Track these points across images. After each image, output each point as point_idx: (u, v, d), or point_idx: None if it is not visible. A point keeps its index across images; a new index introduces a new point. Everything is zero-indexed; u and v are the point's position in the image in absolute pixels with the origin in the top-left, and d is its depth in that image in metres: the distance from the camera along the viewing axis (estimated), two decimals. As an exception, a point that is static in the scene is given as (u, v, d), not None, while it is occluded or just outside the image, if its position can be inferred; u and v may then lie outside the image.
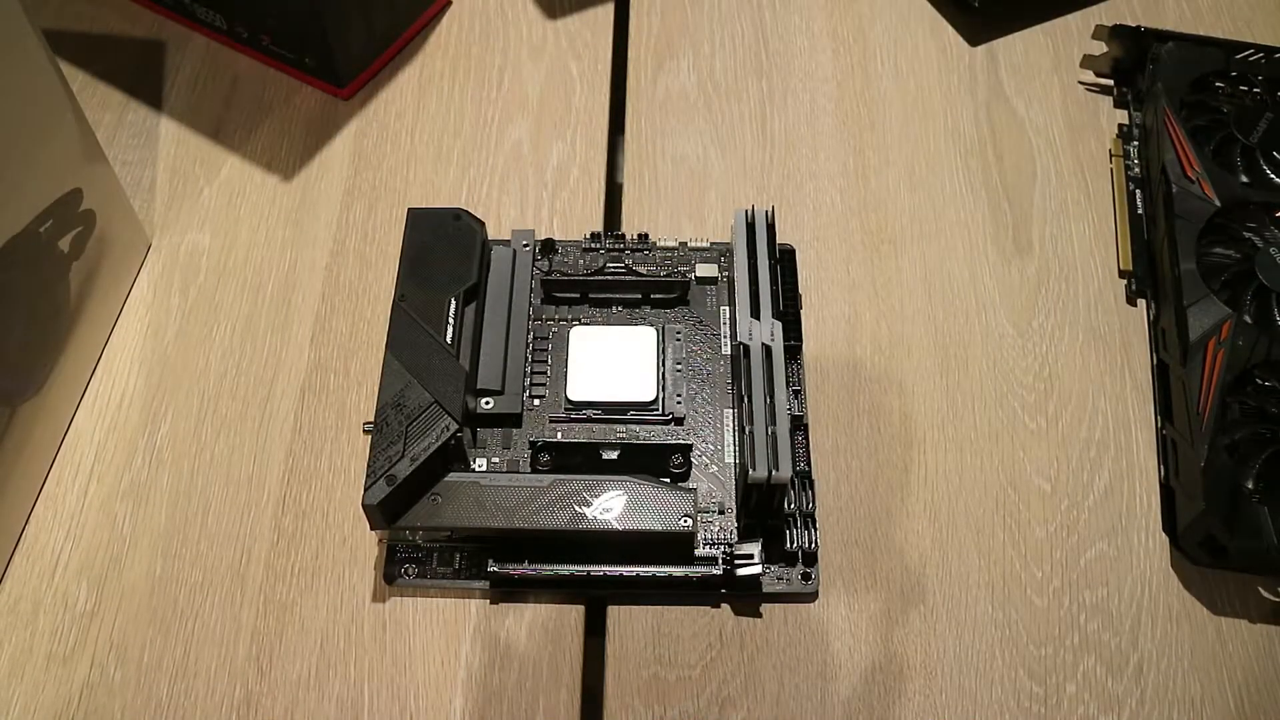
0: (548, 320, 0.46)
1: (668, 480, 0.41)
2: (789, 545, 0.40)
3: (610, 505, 0.39)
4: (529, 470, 0.42)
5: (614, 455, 0.41)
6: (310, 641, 0.40)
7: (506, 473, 0.42)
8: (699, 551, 0.40)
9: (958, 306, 0.48)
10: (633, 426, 0.43)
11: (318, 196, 0.51)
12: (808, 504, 0.41)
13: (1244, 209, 0.46)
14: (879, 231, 0.50)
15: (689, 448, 0.42)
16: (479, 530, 0.39)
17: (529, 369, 0.44)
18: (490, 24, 0.57)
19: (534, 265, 0.47)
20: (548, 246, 0.47)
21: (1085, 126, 0.53)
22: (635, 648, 0.40)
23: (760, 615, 0.40)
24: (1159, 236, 0.47)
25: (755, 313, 0.42)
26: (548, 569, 0.39)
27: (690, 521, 0.38)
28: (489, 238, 0.47)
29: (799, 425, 0.43)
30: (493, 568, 0.39)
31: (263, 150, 0.52)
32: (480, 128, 0.53)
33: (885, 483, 0.43)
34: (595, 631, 0.40)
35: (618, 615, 0.41)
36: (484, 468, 0.42)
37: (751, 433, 0.39)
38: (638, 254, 0.47)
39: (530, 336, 0.45)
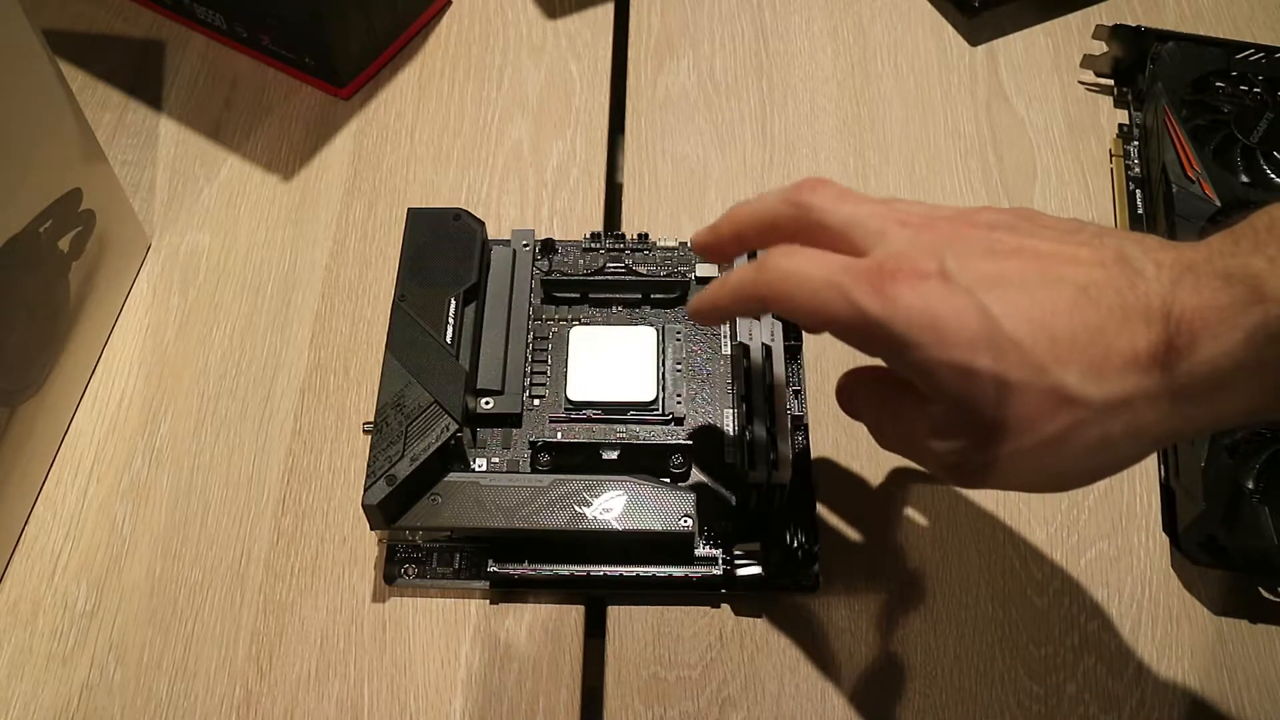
0: (548, 320, 0.46)
1: (668, 480, 0.41)
2: (789, 545, 0.40)
3: (610, 505, 0.39)
4: (529, 470, 0.42)
5: (614, 455, 0.41)
6: (310, 641, 0.40)
7: (506, 473, 0.42)
8: (699, 551, 0.40)
9: (958, 306, 0.48)
10: (633, 426, 0.43)
11: (317, 196, 0.51)
12: (808, 504, 0.41)
13: (1244, 209, 0.46)
14: (879, 231, 0.50)
15: (689, 448, 0.42)
16: (479, 530, 0.39)
17: (529, 369, 0.44)
18: (490, 24, 0.57)
19: (534, 265, 0.47)
20: (548, 246, 0.47)
21: (1085, 126, 0.53)
22: (635, 648, 0.40)
23: (760, 615, 0.40)
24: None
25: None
26: (548, 569, 0.39)
27: (690, 521, 0.38)
28: (489, 238, 0.47)
29: (799, 425, 0.43)
30: (493, 568, 0.39)
31: (262, 150, 0.52)
32: (480, 128, 0.53)
33: (885, 483, 0.43)
34: (595, 631, 0.40)
35: (618, 615, 0.41)
36: (484, 468, 0.42)
37: (751, 433, 0.39)
38: (638, 254, 0.47)
39: (530, 336, 0.45)
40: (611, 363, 0.44)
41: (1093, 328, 0.27)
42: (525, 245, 0.47)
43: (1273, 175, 0.47)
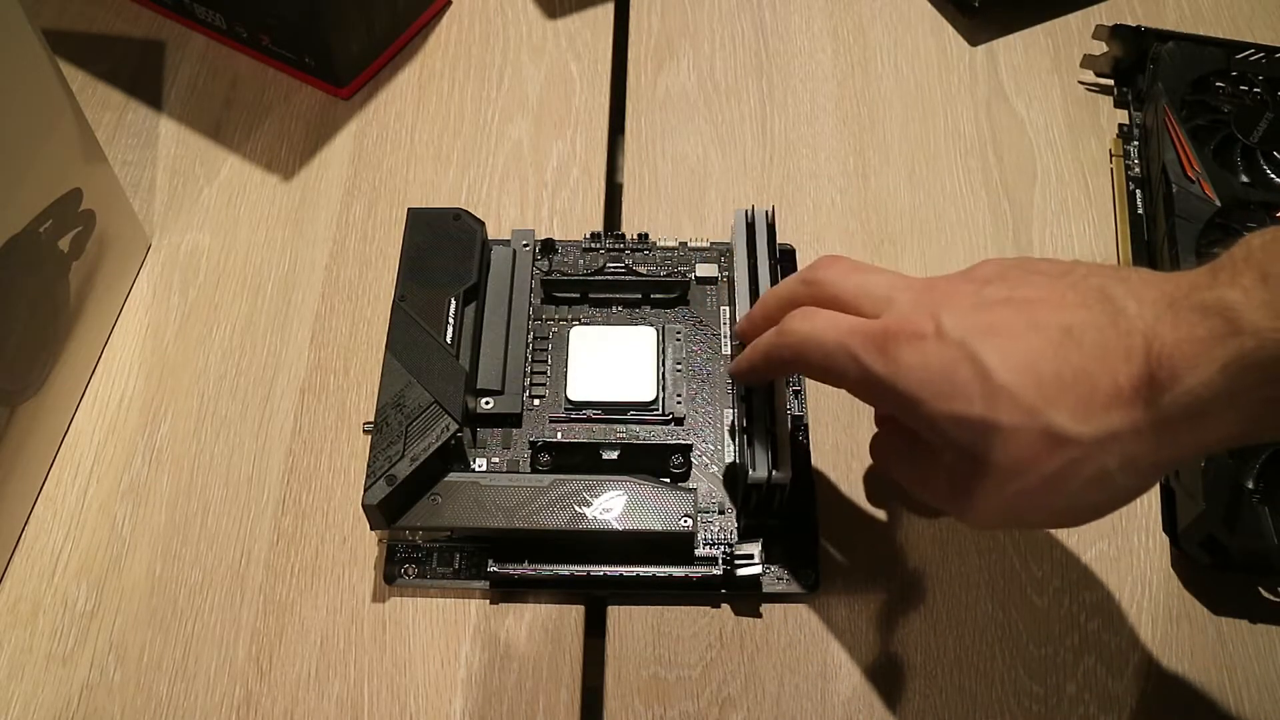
0: (548, 320, 0.46)
1: (668, 480, 0.41)
2: (789, 545, 0.40)
3: (610, 505, 0.39)
4: (529, 470, 0.42)
5: (614, 455, 0.41)
6: (310, 641, 0.40)
7: (506, 473, 0.42)
8: (699, 551, 0.40)
9: (958, 306, 0.48)
10: (633, 426, 0.43)
11: (317, 196, 0.51)
12: (808, 504, 0.41)
13: (1244, 209, 0.46)
14: (879, 231, 0.50)
15: (689, 448, 0.42)
16: (479, 530, 0.39)
17: (529, 369, 0.44)
18: (490, 24, 0.57)
19: (534, 265, 0.47)
20: (548, 246, 0.47)
21: (1085, 126, 0.53)
22: (635, 648, 0.40)
23: (760, 615, 0.40)
24: (1159, 236, 0.47)
25: (755, 313, 0.42)
26: (548, 569, 0.39)
27: (690, 521, 0.38)
28: (489, 238, 0.47)
29: (799, 425, 0.43)
30: (493, 568, 0.39)
31: (263, 150, 0.52)
32: (480, 128, 0.53)
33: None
34: (595, 631, 0.40)
35: (618, 615, 0.41)
36: (484, 468, 0.42)
37: (751, 433, 0.39)
38: (638, 254, 0.47)
39: (530, 336, 0.45)
40: (611, 363, 0.44)
41: (1076, 368, 0.28)
42: (525, 245, 0.47)
43: (1273, 175, 0.47)
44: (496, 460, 0.42)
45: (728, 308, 0.46)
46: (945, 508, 0.33)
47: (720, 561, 0.40)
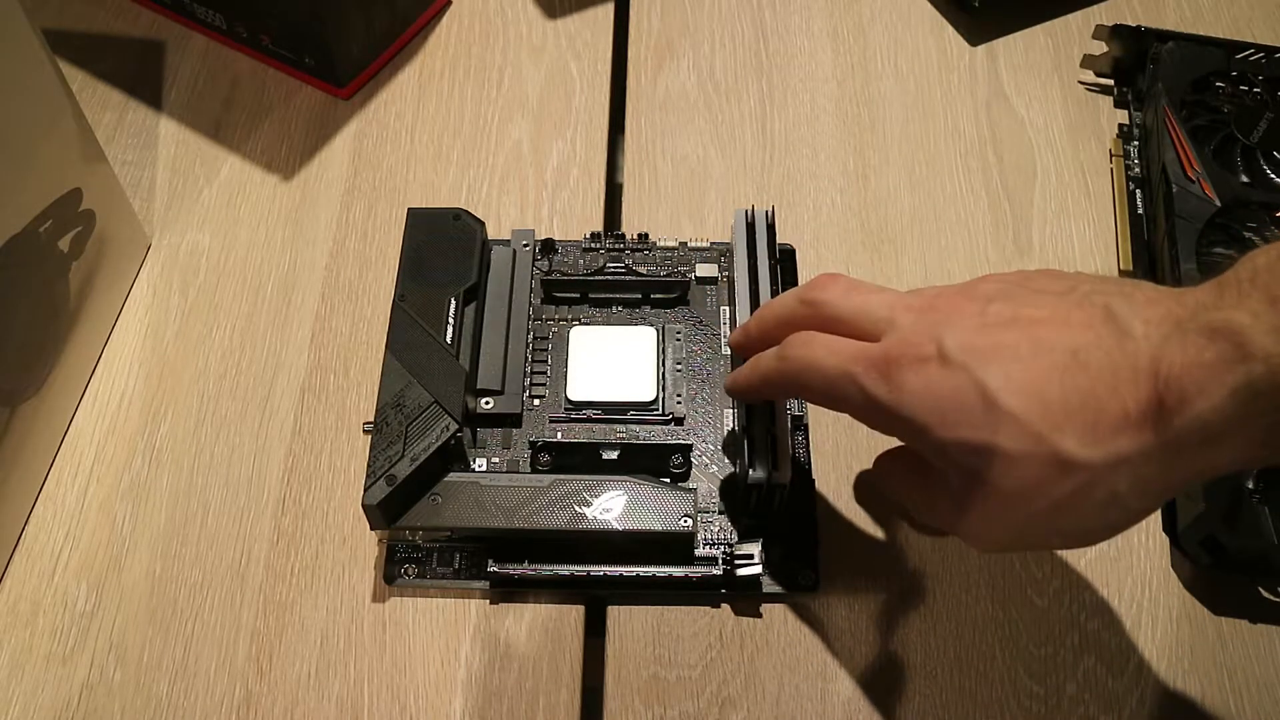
0: (548, 320, 0.46)
1: (668, 480, 0.41)
2: (789, 545, 0.40)
3: (610, 505, 0.39)
4: (529, 470, 0.42)
5: (614, 455, 0.41)
6: (310, 641, 0.40)
7: (506, 473, 0.42)
8: (699, 551, 0.40)
9: (958, 306, 0.48)
10: (633, 426, 0.43)
11: (317, 196, 0.51)
12: (808, 504, 0.41)
13: (1244, 209, 0.46)
14: (879, 231, 0.50)
15: (689, 448, 0.42)
16: (479, 530, 0.39)
17: (529, 369, 0.44)
18: (490, 24, 0.57)
19: (534, 265, 0.47)
20: (548, 246, 0.47)
21: (1085, 126, 0.53)
22: (635, 648, 0.40)
23: (760, 615, 0.40)
24: (1159, 236, 0.47)
25: (755, 313, 0.42)
26: (548, 569, 0.39)
27: (690, 521, 0.38)
28: (489, 238, 0.47)
29: (799, 425, 0.43)
30: (493, 568, 0.39)
31: (263, 150, 0.52)
32: (480, 128, 0.53)
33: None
34: (595, 631, 0.40)
35: (618, 615, 0.41)
36: (484, 468, 0.42)
37: (751, 433, 0.39)
38: (638, 254, 0.47)
39: (530, 336, 0.45)
40: (611, 363, 0.44)
41: (1084, 392, 0.28)
42: (525, 245, 0.47)
43: (1273, 175, 0.47)
44: (496, 460, 0.42)
45: (728, 308, 0.46)
46: (951, 531, 0.32)
47: (720, 561, 0.40)
